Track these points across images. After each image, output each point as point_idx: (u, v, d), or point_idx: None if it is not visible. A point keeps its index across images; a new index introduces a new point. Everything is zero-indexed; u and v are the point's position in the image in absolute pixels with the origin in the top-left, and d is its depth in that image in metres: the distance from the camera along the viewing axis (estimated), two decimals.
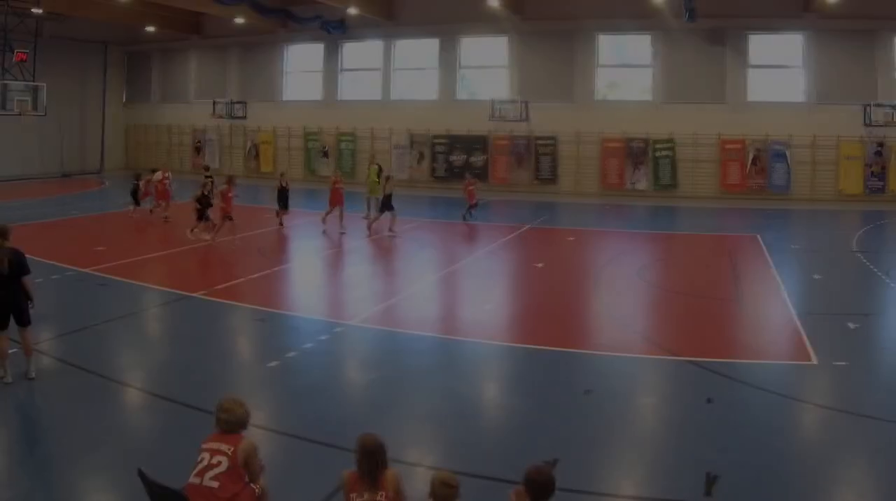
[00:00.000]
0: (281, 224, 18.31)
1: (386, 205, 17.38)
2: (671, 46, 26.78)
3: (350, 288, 12.90)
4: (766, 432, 6.60)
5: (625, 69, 28.14)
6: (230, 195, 15.92)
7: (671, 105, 26.82)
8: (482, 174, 27.27)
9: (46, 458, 6.08)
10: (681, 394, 7.72)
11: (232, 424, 4.27)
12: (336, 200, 17.66)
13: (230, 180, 16.52)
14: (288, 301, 11.88)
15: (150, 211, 19.52)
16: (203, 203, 16.45)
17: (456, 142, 27.98)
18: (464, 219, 19.68)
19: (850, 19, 25.70)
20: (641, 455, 6.31)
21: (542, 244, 17.16)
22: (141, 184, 19.96)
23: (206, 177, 18.79)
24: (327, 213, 17.94)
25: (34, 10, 24.22)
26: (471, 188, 19.96)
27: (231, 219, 15.85)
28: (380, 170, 20.67)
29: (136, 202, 19.74)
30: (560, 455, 5.91)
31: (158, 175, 19.55)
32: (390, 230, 17.29)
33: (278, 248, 16.73)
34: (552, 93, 27.41)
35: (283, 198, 18.30)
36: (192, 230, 16.27)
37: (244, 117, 30.31)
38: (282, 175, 19.30)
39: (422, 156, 28.37)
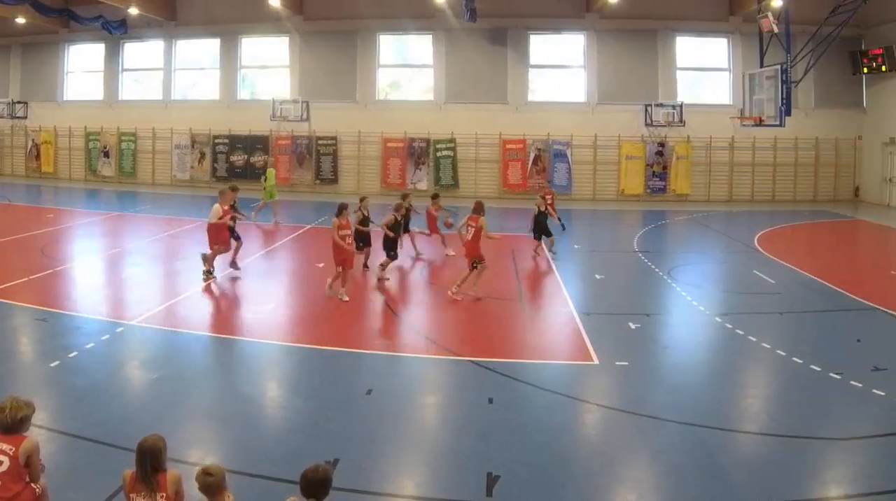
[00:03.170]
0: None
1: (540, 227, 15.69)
2: (452, 46, 26.60)
3: (132, 288, 12.51)
4: (548, 432, 6.62)
5: (406, 69, 27.86)
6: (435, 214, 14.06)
7: (453, 105, 26.56)
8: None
9: None
10: (462, 394, 7.65)
11: (12, 424, 4.17)
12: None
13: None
14: (70, 301, 11.44)
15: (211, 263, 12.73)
16: (395, 229, 12.87)
17: (237, 142, 27.28)
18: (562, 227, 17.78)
19: (631, 19, 25.83)
20: (423, 455, 6.29)
21: (323, 244, 16.55)
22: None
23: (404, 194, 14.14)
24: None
25: None
26: (548, 197, 17.09)
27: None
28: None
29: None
30: (341, 455, 5.93)
31: (217, 209, 12.30)
32: (550, 250, 15.45)
33: (61, 248, 15.76)
34: (334, 93, 26.97)
35: None
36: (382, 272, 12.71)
37: (25, 117, 29.31)
38: None
39: (203, 155, 27.61)
